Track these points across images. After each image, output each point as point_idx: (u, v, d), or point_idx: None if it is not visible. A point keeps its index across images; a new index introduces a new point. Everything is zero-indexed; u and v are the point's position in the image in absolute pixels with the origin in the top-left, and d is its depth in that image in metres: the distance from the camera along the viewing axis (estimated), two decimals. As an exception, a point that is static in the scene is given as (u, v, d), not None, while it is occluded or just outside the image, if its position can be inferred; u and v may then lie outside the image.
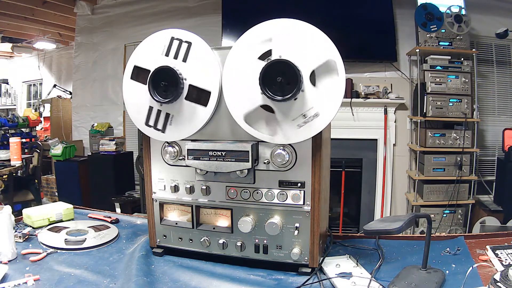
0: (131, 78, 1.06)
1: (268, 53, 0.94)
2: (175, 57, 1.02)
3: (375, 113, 3.82)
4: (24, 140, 5.84)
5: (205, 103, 1.02)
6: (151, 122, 1.06)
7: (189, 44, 1.02)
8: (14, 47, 6.90)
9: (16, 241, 1.16)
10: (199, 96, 1.02)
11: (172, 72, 1.00)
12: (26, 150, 4.13)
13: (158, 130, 1.06)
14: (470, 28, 3.55)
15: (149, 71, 1.02)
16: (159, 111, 1.05)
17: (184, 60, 1.02)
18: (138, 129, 1.08)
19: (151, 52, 1.05)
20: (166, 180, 1.12)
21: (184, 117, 1.04)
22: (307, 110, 0.94)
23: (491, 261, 1.01)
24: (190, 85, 1.02)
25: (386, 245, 1.18)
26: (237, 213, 1.06)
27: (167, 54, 1.03)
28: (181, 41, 1.02)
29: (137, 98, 1.06)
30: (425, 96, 3.43)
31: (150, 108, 1.05)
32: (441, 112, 3.44)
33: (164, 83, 1.01)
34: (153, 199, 1.14)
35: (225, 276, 1.02)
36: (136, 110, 1.07)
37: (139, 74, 1.05)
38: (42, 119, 7.35)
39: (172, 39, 1.03)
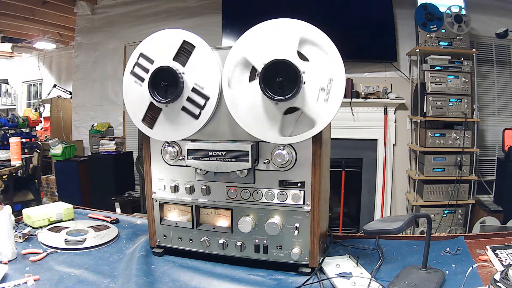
0: (131, 73, 1.06)
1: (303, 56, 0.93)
2: (177, 57, 1.02)
3: (375, 113, 3.82)
4: (24, 140, 5.84)
5: (202, 107, 1.02)
6: (147, 120, 1.06)
7: (193, 47, 1.01)
8: (14, 47, 6.91)
9: (16, 241, 1.16)
10: (198, 100, 1.02)
11: (172, 72, 1.00)
12: (26, 150, 4.13)
13: (154, 128, 1.06)
14: (470, 28, 3.56)
15: (149, 70, 1.03)
16: (156, 110, 1.05)
17: (186, 62, 1.02)
18: (138, 129, 1.08)
19: (155, 49, 1.04)
20: (166, 180, 1.12)
21: (181, 118, 1.04)
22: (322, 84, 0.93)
23: (491, 261, 1.00)
24: (189, 88, 1.02)
25: (386, 245, 1.18)
26: (237, 213, 1.06)
27: (170, 54, 1.02)
28: (185, 43, 1.02)
29: (136, 94, 1.06)
30: (425, 96, 3.43)
31: (148, 106, 1.05)
32: (441, 112, 3.44)
33: (164, 83, 1.01)
34: (153, 199, 1.14)
35: (225, 276, 1.02)
36: (134, 106, 1.07)
37: (140, 71, 1.05)
38: (42, 119, 7.35)
39: (177, 39, 1.02)
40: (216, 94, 1.01)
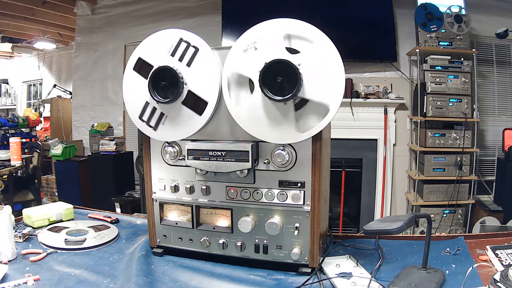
0: (133, 69, 1.06)
1: (296, 51, 0.93)
2: (180, 59, 1.02)
3: (375, 113, 3.82)
4: (24, 140, 5.83)
5: (200, 112, 1.02)
6: (145, 118, 1.06)
7: (196, 49, 1.01)
8: (14, 47, 6.90)
9: (16, 241, 1.16)
10: (196, 103, 1.02)
11: (172, 72, 1.00)
12: (26, 150, 4.13)
13: (151, 127, 1.06)
14: (470, 28, 3.55)
15: (152, 66, 1.03)
16: (154, 109, 1.05)
17: (188, 64, 1.02)
18: (138, 129, 1.08)
19: (157, 48, 1.04)
20: (166, 180, 1.12)
21: (178, 120, 1.04)
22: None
23: (491, 261, 1.01)
24: (189, 91, 1.02)
25: (386, 245, 1.18)
26: (237, 213, 1.06)
27: (172, 54, 1.03)
28: (188, 45, 1.02)
29: (136, 90, 1.06)
30: (425, 96, 3.43)
31: (146, 104, 1.05)
32: (441, 112, 3.44)
33: (164, 83, 1.01)
34: (153, 199, 1.14)
35: (225, 276, 1.02)
36: (133, 102, 1.07)
37: (142, 67, 1.05)
38: (42, 119, 7.34)
39: (181, 40, 1.02)
40: (212, 105, 1.01)
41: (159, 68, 1.00)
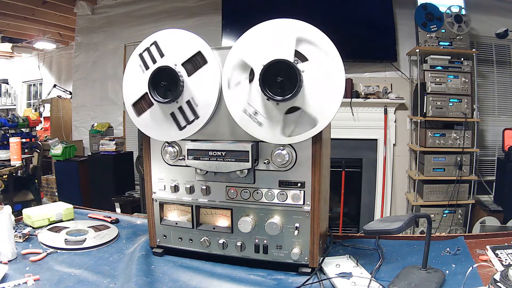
0: (139, 55, 1.06)
1: (303, 57, 0.93)
2: (184, 64, 1.02)
3: (375, 113, 3.82)
4: (24, 140, 5.83)
5: (180, 128, 1.03)
6: (137, 104, 1.07)
7: (205, 62, 1.01)
8: (14, 47, 6.90)
9: (16, 241, 1.16)
10: (186, 117, 1.02)
11: (173, 72, 1.00)
12: (26, 150, 4.13)
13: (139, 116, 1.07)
14: (470, 28, 3.55)
15: (156, 61, 1.03)
16: (146, 93, 1.05)
17: (190, 74, 1.02)
18: (138, 129, 1.08)
19: (174, 47, 1.03)
20: (166, 180, 1.12)
21: (162, 123, 1.04)
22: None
23: (491, 261, 1.01)
24: (181, 106, 1.02)
25: (386, 245, 1.18)
26: (237, 213, 1.06)
27: (182, 60, 1.02)
28: (202, 57, 1.01)
29: (137, 78, 1.06)
30: (425, 96, 3.43)
31: (145, 94, 1.05)
32: (441, 112, 3.44)
33: (164, 83, 1.01)
34: (153, 199, 1.14)
35: (225, 276, 1.02)
36: (131, 87, 1.07)
37: (147, 56, 1.05)
38: (42, 119, 7.34)
39: (199, 53, 1.01)
40: (208, 115, 1.01)
41: (160, 68, 1.00)
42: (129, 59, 1.07)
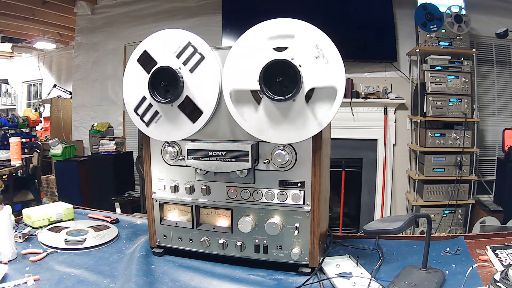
0: (137, 60, 1.06)
1: (283, 49, 0.94)
2: (184, 63, 1.02)
3: (375, 113, 3.82)
4: (24, 140, 5.83)
5: (193, 119, 1.02)
6: (140, 111, 1.06)
7: (202, 57, 1.01)
8: (14, 47, 6.90)
9: (16, 241, 1.16)
10: (191, 110, 1.02)
11: (173, 73, 1.00)
12: (26, 150, 4.13)
13: (144, 122, 1.06)
14: (470, 28, 3.55)
15: (156, 62, 1.03)
16: (150, 105, 1.05)
17: (192, 70, 1.02)
18: (138, 129, 1.08)
19: (164, 46, 1.04)
20: (166, 180, 1.12)
21: (171, 122, 1.04)
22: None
23: (491, 261, 1.01)
24: (187, 96, 1.02)
25: (386, 245, 1.18)
26: (237, 213, 1.06)
27: (178, 56, 1.02)
28: (195, 51, 1.01)
29: (136, 83, 1.06)
30: (425, 96, 3.43)
31: (143, 98, 1.05)
32: (441, 112, 3.44)
33: (164, 83, 1.01)
34: (153, 199, 1.14)
35: (225, 276, 1.02)
36: (131, 93, 1.07)
37: (146, 60, 1.05)
38: (42, 119, 7.34)
39: (189, 44, 1.02)
40: (207, 115, 1.01)
41: (160, 67, 1.00)
42: (126, 68, 1.07)
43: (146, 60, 1.05)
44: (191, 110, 1.02)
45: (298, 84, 0.90)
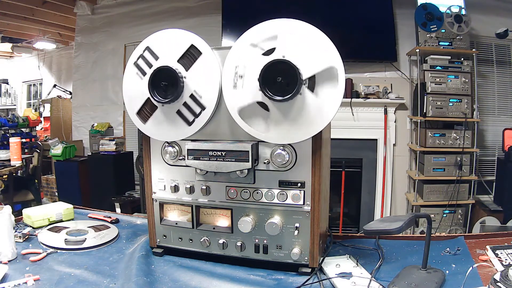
0: (139, 56, 1.05)
1: (272, 50, 0.94)
2: (186, 64, 1.02)
3: (375, 113, 3.82)
4: (24, 140, 5.83)
5: (190, 122, 1.03)
6: (141, 112, 1.06)
7: (203, 59, 1.01)
8: (14, 47, 6.90)
9: (16, 241, 1.16)
10: (189, 113, 1.02)
11: (173, 72, 1.00)
12: (26, 150, 4.13)
13: (141, 119, 1.07)
14: (470, 28, 3.56)
15: (158, 60, 1.03)
16: (149, 102, 1.05)
17: (192, 73, 1.02)
18: (138, 129, 1.08)
19: (167, 45, 1.03)
20: (166, 180, 1.12)
21: (167, 122, 1.04)
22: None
23: (491, 261, 1.01)
24: (185, 102, 1.02)
25: (386, 245, 1.18)
26: (237, 213, 1.06)
27: (180, 57, 1.02)
28: (198, 53, 1.01)
29: (137, 79, 1.06)
30: (425, 96, 3.43)
31: (142, 95, 1.05)
32: (441, 112, 3.44)
33: (164, 83, 1.01)
34: (153, 199, 1.14)
35: (225, 276, 1.02)
36: (130, 89, 1.07)
37: (148, 57, 1.05)
38: (42, 119, 7.35)
39: (192, 46, 1.01)
40: (213, 105, 1.01)
41: (160, 67, 1.00)
42: (125, 69, 1.08)
43: (148, 57, 1.05)
44: (189, 113, 1.03)
45: (298, 85, 0.90)
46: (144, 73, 1.05)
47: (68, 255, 1.13)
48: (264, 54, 0.95)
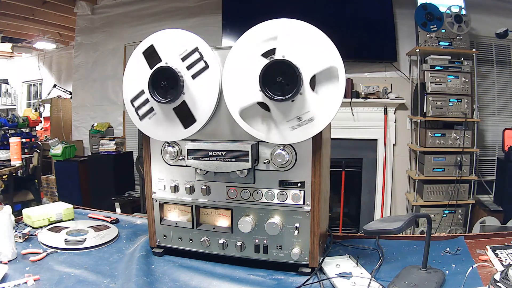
0: (143, 53, 1.05)
1: (272, 51, 0.94)
2: (188, 68, 1.02)
3: (375, 113, 3.82)
4: (24, 140, 5.83)
5: (186, 125, 1.03)
6: (136, 104, 1.07)
7: (206, 66, 1.01)
8: (14, 47, 6.90)
9: (16, 241, 1.16)
10: (186, 116, 1.02)
11: (172, 72, 1.00)
12: (26, 150, 4.13)
13: (138, 115, 1.07)
14: (470, 28, 3.56)
15: (160, 60, 1.03)
16: (147, 100, 1.05)
17: (194, 76, 1.01)
18: (138, 129, 1.08)
19: (171, 45, 1.03)
20: (166, 180, 1.12)
21: (163, 122, 1.04)
22: (303, 113, 0.94)
23: (491, 261, 1.01)
24: (184, 101, 1.02)
25: (386, 245, 1.18)
26: (237, 213, 1.06)
27: (183, 59, 1.02)
28: (201, 58, 1.01)
29: (137, 75, 1.06)
30: (425, 96, 3.43)
31: (142, 92, 1.05)
32: (441, 112, 3.44)
33: (164, 83, 1.01)
34: (153, 199, 1.14)
35: (225, 276, 1.02)
36: (130, 84, 1.07)
37: (150, 55, 1.05)
38: (42, 119, 7.35)
39: (196, 49, 1.01)
40: (200, 125, 1.02)
41: (161, 67, 1.00)
42: (130, 58, 1.07)
43: (151, 55, 1.04)
44: (186, 116, 1.03)
45: (298, 85, 0.90)
46: (148, 64, 1.04)
47: (68, 255, 1.13)
48: (264, 54, 0.95)
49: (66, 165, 4.54)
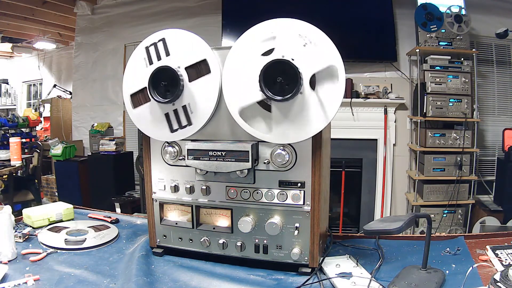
0: (146, 48, 1.05)
1: (271, 51, 0.94)
2: (191, 71, 1.02)
3: (375, 113, 3.82)
4: (24, 140, 5.84)
5: (172, 130, 1.03)
6: (134, 96, 1.07)
7: (209, 72, 1.00)
8: (14, 47, 6.90)
9: (16, 241, 1.16)
10: (179, 121, 1.03)
11: (173, 73, 1.00)
12: (26, 150, 4.13)
13: (132, 104, 1.07)
14: (470, 28, 3.56)
15: (161, 58, 1.03)
16: (145, 88, 1.05)
17: (194, 77, 1.01)
18: (138, 129, 1.08)
19: (180, 46, 1.03)
20: (166, 180, 1.12)
21: (155, 121, 1.05)
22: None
23: (491, 261, 1.01)
24: (183, 105, 1.02)
25: (386, 245, 1.18)
26: (237, 213, 1.06)
27: (187, 62, 1.02)
28: (207, 67, 1.01)
29: (140, 70, 1.06)
30: (425, 96, 3.43)
31: (144, 88, 1.05)
32: (441, 112, 3.44)
33: (164, 83, 1.01)
34: (153, 199, 1.14)
35: (225, 276, 1.02)
36: (132, 78, 1.07)
37: (157, 51, 1.05)
38: (42, 119, 7.35)
39: (205, 60, 1.01)
40: (193, 130, 1.02)
41: (161, 67, 1.00)
42: (134, 50, 1.07)
43: (157, 51, 1.04)
44: (175, 120, 1.03)
45: (298, 85, 0.90)
46: (151, 62, 1.04)
47: (68, 255, 1.13)
48: (263, 54, 0.95)
49: (66, 165, 4.54)
